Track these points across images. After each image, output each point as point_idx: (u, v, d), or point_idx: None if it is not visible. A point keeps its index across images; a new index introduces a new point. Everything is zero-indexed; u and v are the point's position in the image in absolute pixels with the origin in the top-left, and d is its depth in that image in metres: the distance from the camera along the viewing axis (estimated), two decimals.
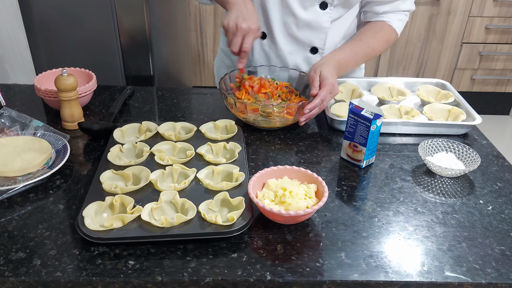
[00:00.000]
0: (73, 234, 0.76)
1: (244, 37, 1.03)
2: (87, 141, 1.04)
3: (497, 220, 0.83)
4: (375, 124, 0.91)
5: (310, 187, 0.82)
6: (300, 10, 1.15)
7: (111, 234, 0.73)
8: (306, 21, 1.16)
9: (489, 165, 0.99)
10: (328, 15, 1.16)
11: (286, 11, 1.16)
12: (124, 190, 0.82)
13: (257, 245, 0.75)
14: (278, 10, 1.17)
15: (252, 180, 0.81)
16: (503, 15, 2.79)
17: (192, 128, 1.03)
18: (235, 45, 1.03)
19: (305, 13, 1.15)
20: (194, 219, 0.76)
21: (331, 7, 1.15)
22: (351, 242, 0.77)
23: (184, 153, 0.95)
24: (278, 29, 1.19)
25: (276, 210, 0.74)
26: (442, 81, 1.26)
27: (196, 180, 0.86)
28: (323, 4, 1.14)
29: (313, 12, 1.15)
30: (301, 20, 1.17)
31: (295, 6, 1.14)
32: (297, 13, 1.15)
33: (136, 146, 0.95)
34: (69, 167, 0.94)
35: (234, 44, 1.03)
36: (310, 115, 1.03)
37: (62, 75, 1.02)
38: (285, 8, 1.15)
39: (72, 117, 1.06)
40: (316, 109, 1.02)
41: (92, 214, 0.77)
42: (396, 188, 0.90)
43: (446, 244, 0.77)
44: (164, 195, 0.80)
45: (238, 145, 0.96)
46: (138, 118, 1.15)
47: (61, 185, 0.88)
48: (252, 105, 1.03)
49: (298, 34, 1.19)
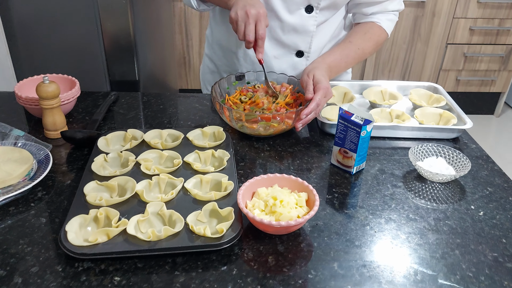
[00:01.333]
0: (56, 249, 0.73)
1: (256, 23, 0.99)
2: (70, 150, 1.00)
3: (489, 226, 0.82)
4: (365, 130, 0.90)
5: (301, 196, 0.80)
6: (285, 14, 1.13)
7: (96, 249, 0.70)
8: (292, 25, 1.15)
9: (479, 169, 0.99)
10: (313, 18, 1.15)
11: (271, 15, 1.14)
12: (109, 202, 0.79)
13: (247, 257, 0.73)
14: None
15: (242, 190, 0.79)
16: (486, 16, 2.82)
17: (179, 135, 1.00)
18: (250, 32, 0.99)
19: (291, 17, 1.14)
20: (182, 232, 0.73)
21: (317, 11, 1.14)
22: (343, 251, 0.75)
23: (171, 161, 0.93)
24: None
25: (267, 221, 0.72)
26: (434, 84, 1.25)
27: (183, 190, 0.84)
28: (308, 8, 1.13)
29: (299, 16, 1.14)
30: (286, 24, 1.15)
31: (280, 10, 1.13)
32: (282, 17, 1.14)
33: (121, 155, 0.93)
34: (52, 178, 0.91)
35: (249, 32, 0.99)
36: (306, 120, 1.01)
37: (44, 82, 0.99)
38: (270, 12, 1.13)
39: (55, 125, 1.03)
40: (312, 113, 1.01)
41: (76, 228, 0.74)
42: (387, 195, 0.89)
43: (439, 251, 0.76)
44: (151, 207, 0.77)
45: (226, 152, 0.94)
46: (123, 125, 1.12)
47: (43, 197, 0.85)
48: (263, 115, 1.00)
49: (284, 38, 1.17)
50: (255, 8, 0.99)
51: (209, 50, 1.34)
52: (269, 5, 1.12)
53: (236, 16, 1.00)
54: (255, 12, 0.99)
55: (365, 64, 2.97)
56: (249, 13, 0.98)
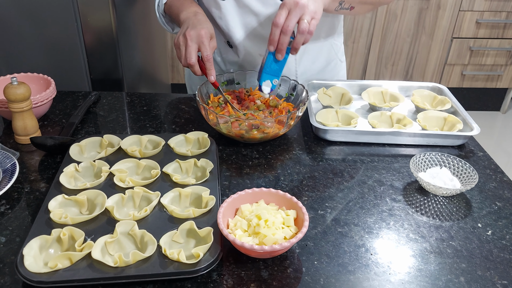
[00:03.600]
0: (13, 275, 0.65)
1: (199, 45, 0.93)
2: (42, 157, 0.92)
3: (498, 247, 0.74)
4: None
5: (289, 214, 0.72)
6: (259, 7, 1.05)
7: (56, 276, 0.62)
8: (269, 16, 1.06)
9: (486, 180, 0.90)
10: None
11: (244, 12, 1.06)
12: (75, 220, 0.71)
13: (227, 284, 0.65)
14: (236, 12, 1.07)
15: (223, 207, 0.71)
16: (493, 9, 2.71)
17: (160, 141, 0.92)
18: (188, 55, 0.93)
19: (266, 8, 1.05)
20: (154, 256, 0.65)
21: None
22: (335, 278, 0.67)
23: (149, 171, 0.85)
24: (240, 33, 1.10)
25: (249, 245, 0.64)
26: (439, 85, 1.16)
27: (159, 206, 0.76)
28: None
29: (274, 6, 1.05)
30: (263, 17, 1.06)
31: (254, 4, 1.04)
32: (257, 10, 1.05)
33: (94, 165, 0.84)
34: (18, 189, 0.83)
35: (189, 54, 0.92)
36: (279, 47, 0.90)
37: (12, 84, 0.90)
38: (243, 8, 1.05)
39: (26, 130, 0.95)
40: (282, 36, 0.88)
41: (36, 250, 0.66)
42: (386, 210, 0.81)
43: (442, 279, 0.68)
44: (120, 227, 0.69)
45: (210, 162, 0.85)
46: (102, 129, 1.03)
47: (5, 212, 0.77)
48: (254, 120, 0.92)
49: (264, 32, 1.09)
50: (195, 30, 0.92)
51: None
52: (242, 1, 1.04)
53: (177, 42, 0.95)
54: (194, 34, 0.92)
55: (368, 57, 2.87)
56: (188, 35, 0.92)
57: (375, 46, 2.84)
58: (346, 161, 0.95)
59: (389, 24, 2.76)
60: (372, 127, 1.02)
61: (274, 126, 0.92)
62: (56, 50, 1.24)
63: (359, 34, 2.79)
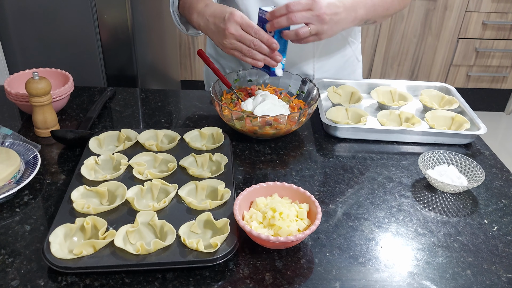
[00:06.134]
0: (39, 261, 0.68)
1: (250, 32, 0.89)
2: (62, 150, 0.95)
3: (503, 243, 0.77)
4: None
5: (302, 207, 0.75)
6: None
7: (81, 262, 0.65)
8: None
9: (493, 179, 0.93)
10: None
11: (266, 2, 1.06)
12: (97, 210, 0.74)
13: (243, 273, 0.68)
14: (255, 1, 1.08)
15: (239, 200, 0.74)
16: (500, 10, 2.73)
17: (175, 136, 0.95)
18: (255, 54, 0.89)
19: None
20: (174, 245, 0.68)
21: None
22: (346, 269, 0.70)
23: (166, 165, 0.88)
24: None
25: (265, 236, 0.67)
26: (446, 85, 1.19)
27: (177, 198, 0.79)
28: None
29: None
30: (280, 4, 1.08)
31: None
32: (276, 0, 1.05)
33: (113, 158, 0.88)
34: (40, 180, 0.86)
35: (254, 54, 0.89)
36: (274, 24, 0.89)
37: (33, 78, 0.93)
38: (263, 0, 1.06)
39: (46, 123, 0.98)
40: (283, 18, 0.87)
41: (61, 238, 0.69)
42: (395, 206, 0.84)
43: (450, 271, 0.71)
44: (141, 217, 0.72)
45: (224, 157, 0.88)
46: (118, 124, 1.06)
47: (29, 202, 0.81)
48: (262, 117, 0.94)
49: None
50: (230, 20, 0.87)
51: (211, 49, 1.29)
52: None
53: (222, 44, 0.91)
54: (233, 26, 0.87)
55: (374, 57, 2.89)
56: (229, 30, 0.87)
57: (381, 46, 2.86)
58: (356, 158, 0.97)
59: (396, 25, 2.78)
60: (381, 125, 1.04)
61: (287, 123, 0.95)
62: (73, 46, 1.27)
63: (366, 34, 2.81)
